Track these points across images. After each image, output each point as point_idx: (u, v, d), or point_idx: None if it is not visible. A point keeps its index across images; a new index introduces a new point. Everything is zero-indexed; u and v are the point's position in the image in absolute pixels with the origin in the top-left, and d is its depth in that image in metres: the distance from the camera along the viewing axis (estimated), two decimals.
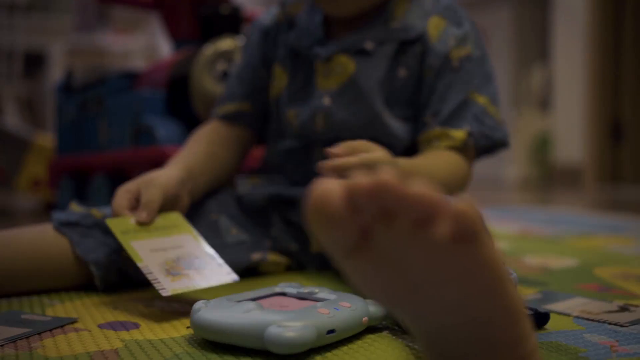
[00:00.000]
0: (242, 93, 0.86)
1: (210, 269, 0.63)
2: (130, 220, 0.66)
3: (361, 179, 0.28)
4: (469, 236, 0.29)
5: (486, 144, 0.76)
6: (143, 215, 0.66)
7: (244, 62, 0.88)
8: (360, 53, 0.78)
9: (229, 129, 0.86)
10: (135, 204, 0.68)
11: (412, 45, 0.78)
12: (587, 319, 0.57)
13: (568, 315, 0.59)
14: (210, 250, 0.66)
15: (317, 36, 0.80)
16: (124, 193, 0.69)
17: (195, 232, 0.69)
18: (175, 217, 0.69)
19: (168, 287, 0.58)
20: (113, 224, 0.65)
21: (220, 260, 0.65)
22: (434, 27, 0.78)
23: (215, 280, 0.62)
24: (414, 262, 0.30)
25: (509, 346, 0.33)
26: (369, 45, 0.78)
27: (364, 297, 0.53)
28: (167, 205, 0.69)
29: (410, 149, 0.79)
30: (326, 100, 0.78)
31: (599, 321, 0.56)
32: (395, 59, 0.78)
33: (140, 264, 0.61)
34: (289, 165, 0.83)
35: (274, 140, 0.86)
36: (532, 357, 0.35)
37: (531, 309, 0.53)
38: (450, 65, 0.76)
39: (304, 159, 0.81)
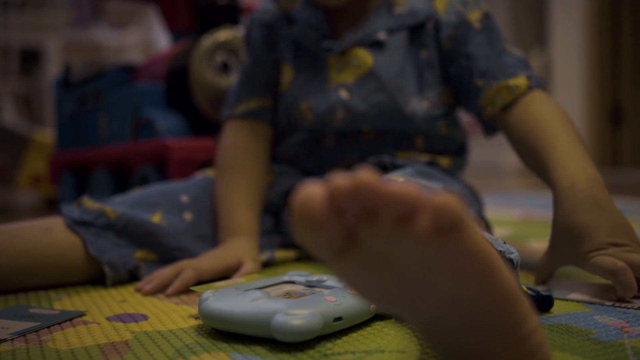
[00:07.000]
0: (260, 89, 0.85)
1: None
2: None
3: (341, 180, 0.28)
4: (451, 227, 0.29)
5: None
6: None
7: (252, 60, 0.86)
8: (374, 45, 0.79)
9: (253, 130, 0.84)
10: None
11: (423, 26, 0.79)
12: (596, 302, 0.57)
13: (577, 299, 0.59)
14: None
15: (323, 31, 0.81)
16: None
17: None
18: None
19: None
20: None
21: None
22: (440, 2, 0.79)
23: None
24: (401, 260, 0.31)
25: (508, 329, 0.34)
26: (381, 35, 0.79)
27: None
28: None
29: (429, 132, 0.80)
30: (343, 94, 0.79)
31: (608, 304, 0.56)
32: (413, 43, 0.79)
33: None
34: (301, 156, 0.83)
35: (283, 136, 0.85)
36: (533, 337, 0.35)
37: (533, 290, 0.52)
38: (473, 28, 0.77)
39: (316, 148, 0.82)
